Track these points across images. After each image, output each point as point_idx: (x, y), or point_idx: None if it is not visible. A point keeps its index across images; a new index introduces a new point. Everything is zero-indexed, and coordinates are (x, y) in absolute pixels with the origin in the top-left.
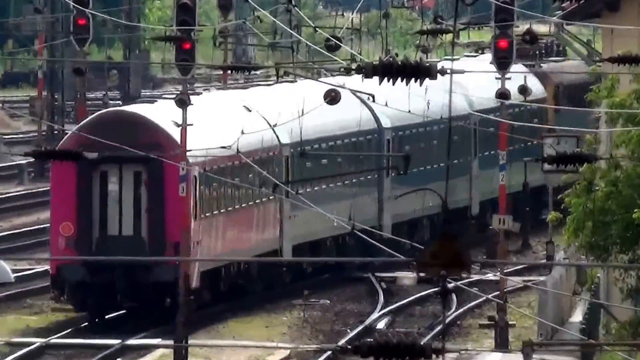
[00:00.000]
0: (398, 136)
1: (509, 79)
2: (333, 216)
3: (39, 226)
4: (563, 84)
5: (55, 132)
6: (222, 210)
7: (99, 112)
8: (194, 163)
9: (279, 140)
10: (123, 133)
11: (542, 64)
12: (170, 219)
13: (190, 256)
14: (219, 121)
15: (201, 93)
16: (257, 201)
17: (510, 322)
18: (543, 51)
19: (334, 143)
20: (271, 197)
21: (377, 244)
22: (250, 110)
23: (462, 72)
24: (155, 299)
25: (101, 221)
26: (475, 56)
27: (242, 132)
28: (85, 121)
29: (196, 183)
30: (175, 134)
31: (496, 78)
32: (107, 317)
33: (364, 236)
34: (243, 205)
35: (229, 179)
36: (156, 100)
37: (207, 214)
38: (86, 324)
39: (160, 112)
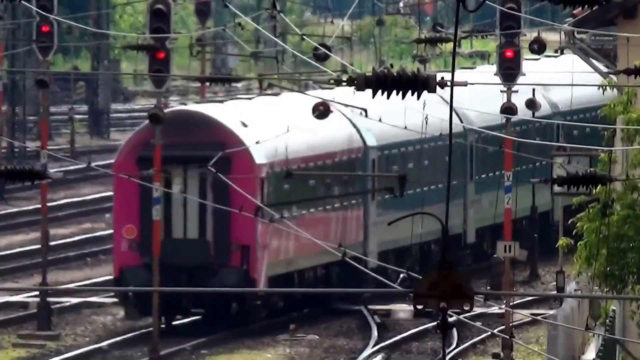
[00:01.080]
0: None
1: (516, 91)
2: (320, 241)
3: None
4: None
5: (16, 149)
6: (294, 214)
7: (176, 108)
8: (261, 165)
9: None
10: (188, 132)
11: None
12: (236, 221)
13: (257, 260)
14: (284, 123)
15: (187, 104)
16: (335, 205)
17: None
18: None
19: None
20: (353, 201)
21: (370, 272)
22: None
23: (464, 84)
24: (221, 303)
25: (165, 224)
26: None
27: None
28: (146, 122)
29: (263, 185)
30: (242, 134)
31: (501, 91)
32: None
33: (354, 264)
34: (319, 208)
35: (302, 181)
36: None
37: (276, 217)
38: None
39: (227, 112)
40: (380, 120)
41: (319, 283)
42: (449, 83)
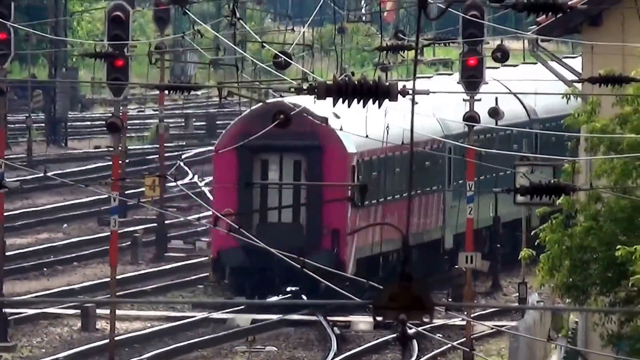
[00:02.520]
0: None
1: (479, 100)
2: (279, 252)
3: None
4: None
5: None
6: (380, 200)
7: (263, 103)
8: (352, 153)
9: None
10: (284, 122)
11: None
12: (328, 206)
13: (347, 244)
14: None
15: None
16: (418, 191)
17: None
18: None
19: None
20: (434, 187)
21: (333, 285)
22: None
23: (426, 92)
24: (311, 284)
25: (261, 208)
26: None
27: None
28: (247, 111)
29: (354, 172)
30: (335, 125)
31: (464, 100)
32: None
33: (315, 276)
34: (404, 195)
35: (389, 169)
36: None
37: (364, 203)
38: (243, 307)
39: (320, 104)
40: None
41: (399, 266)
42: (410, 91)
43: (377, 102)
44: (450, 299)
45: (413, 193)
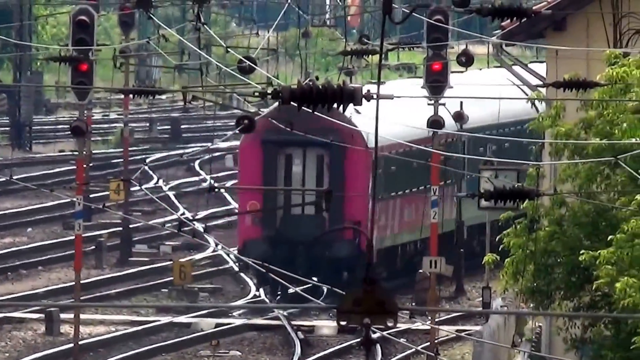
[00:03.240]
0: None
1: (444, 104)
2: (242, 256)
3: None
4: None
5: None
6: (399, 193)
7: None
8: (373, 148)
9: None
10: (308, 119)
11: None
12: (349, 199)
13: (368, 234)
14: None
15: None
16: (421, 187)
17: None
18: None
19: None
20: (448, 181)
21: (297, 288)
22: None
23: (390, 97)
24: (333, 274)
25: (285, 201)
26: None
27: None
28: (274, 105)
29: (375, 166)
30: (356, 119)
31: (428, 104)
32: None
33: (278, 278)
34: (421, 187)
35: (407, 164)
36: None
37: (384, 195)
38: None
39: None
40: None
41: (417, 255)
42: (374, 95)
43: (341, 106)
44: (414, 304)
45: (415, 190)
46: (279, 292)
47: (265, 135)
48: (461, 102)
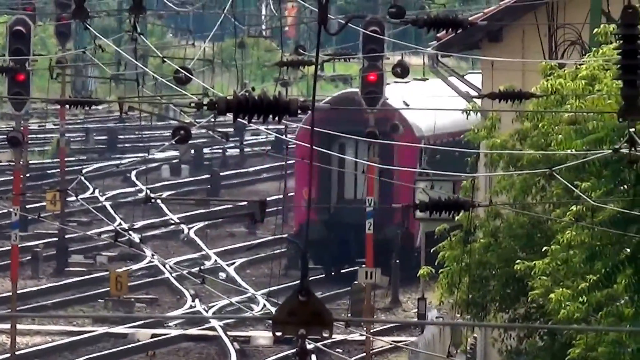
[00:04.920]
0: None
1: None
2: (177, 266)
3: None
4: None
5: None
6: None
7: (341, 92)
8: (420, 137)
9: None
10: (361, 110)
11: None
12: (398, 185)
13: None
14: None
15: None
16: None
17: None
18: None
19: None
20: None
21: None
22: None
23: (326, 107)
24: (383, 255)
25: (339, 186)
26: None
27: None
28: (327, 100)
29: (422, 154)
30: (406, 112)
31: (365, 115)
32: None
33: (213, 290)
34: (462, 175)
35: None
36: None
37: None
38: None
39: (393, 93)
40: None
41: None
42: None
43: (277, 117)
44: (349, 314)
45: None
46: (333, 272)
47: (321, 126)
48: (397, 113)
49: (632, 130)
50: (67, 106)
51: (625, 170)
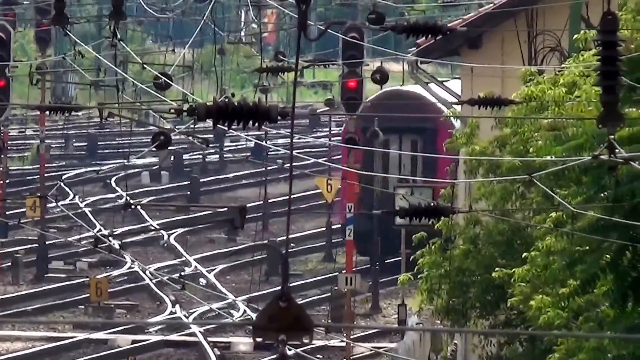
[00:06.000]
0: None
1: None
2: (157, 272)
3: None
4: None
5: None
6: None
7: (384, 90)
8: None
9: None
10: (403, 107)
11: None
12: (440, 179)
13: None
14: None
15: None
16: None
17: None
18: None
19: None
20: None
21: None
22: None
23: (306, 114)
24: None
25: (383, 180)
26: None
27: None
28: (371, 97)
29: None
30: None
31: (344, 121)
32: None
33: (193, 296)
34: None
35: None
36: None
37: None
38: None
39: (434, 92)
40: None
41: None
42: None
43: (257, 124)
44: (329, 320)
45: None
46: (377, 265)
47: (366, 122)
48: (376, 120)
49: (612, 136)
50: (47, 112)
51: (605, 177)
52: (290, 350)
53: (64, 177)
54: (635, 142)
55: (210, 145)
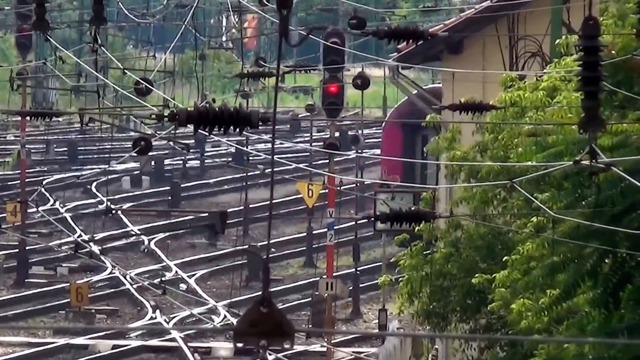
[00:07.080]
0: None
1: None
2: (138, 277)
3: None
4: None
5: None
6: None
7: (426, 86)
8: None
9: None
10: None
11: None
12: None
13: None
14: None
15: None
16: None
17: None
18: None
19: None
20: None
21: (192, 310)
22: None
23: (287, 119)
24: None
25: (421, 175)
26: None
27: None
28: (414, 93)
29: None
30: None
31: (327, 126)
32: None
33: (174, 301)
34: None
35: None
36: None
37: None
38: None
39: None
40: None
41: None
42: (271, 119)
43: (237, 129)
44: (310, 325)
45: None
46: (358, 271)
47: (407, 117)
48: (358, 125)
49: (592, 142)
50: (28, 118)
51: (586, 184)
52: (270, 355)
53: (44, 182)
54: (616, 149)
55: (191, 150)
